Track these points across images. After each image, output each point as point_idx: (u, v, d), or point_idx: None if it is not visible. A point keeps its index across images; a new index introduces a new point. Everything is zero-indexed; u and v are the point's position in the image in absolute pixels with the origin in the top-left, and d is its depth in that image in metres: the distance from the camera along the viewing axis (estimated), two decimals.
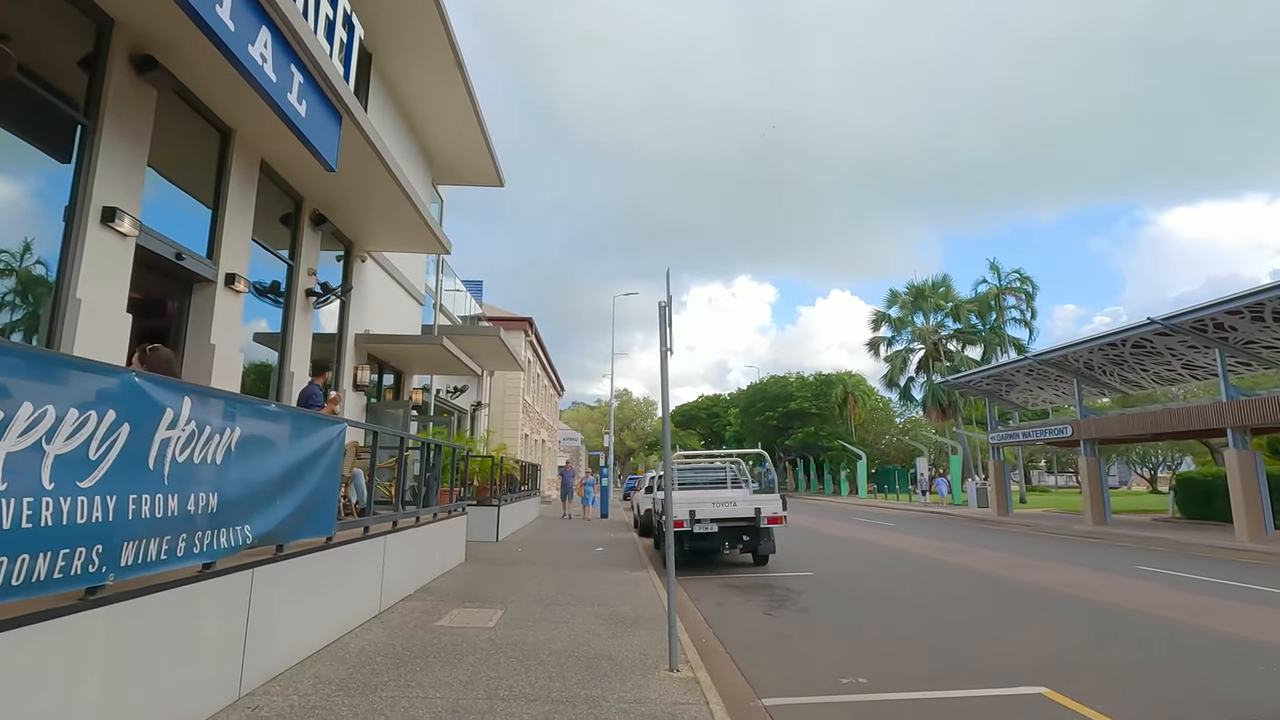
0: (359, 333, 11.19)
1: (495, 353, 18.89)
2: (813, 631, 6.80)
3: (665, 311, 5.39)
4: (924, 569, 11.30)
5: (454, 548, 9.93)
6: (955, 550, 13.90)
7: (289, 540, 4.69)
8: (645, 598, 7.92)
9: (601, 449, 48.85)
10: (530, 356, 28.31)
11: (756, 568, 11.29)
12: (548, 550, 12.75)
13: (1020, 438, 25.48)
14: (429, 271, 17.03)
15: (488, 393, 22.70)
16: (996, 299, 36.27)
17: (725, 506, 10.54)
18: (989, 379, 26.10)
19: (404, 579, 7.37)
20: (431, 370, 14.86)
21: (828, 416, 52.98)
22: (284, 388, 8.84)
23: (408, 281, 13.87)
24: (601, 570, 10.11)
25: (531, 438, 29.66)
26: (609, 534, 16.57)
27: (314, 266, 9.52)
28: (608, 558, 11.77)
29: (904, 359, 38.24)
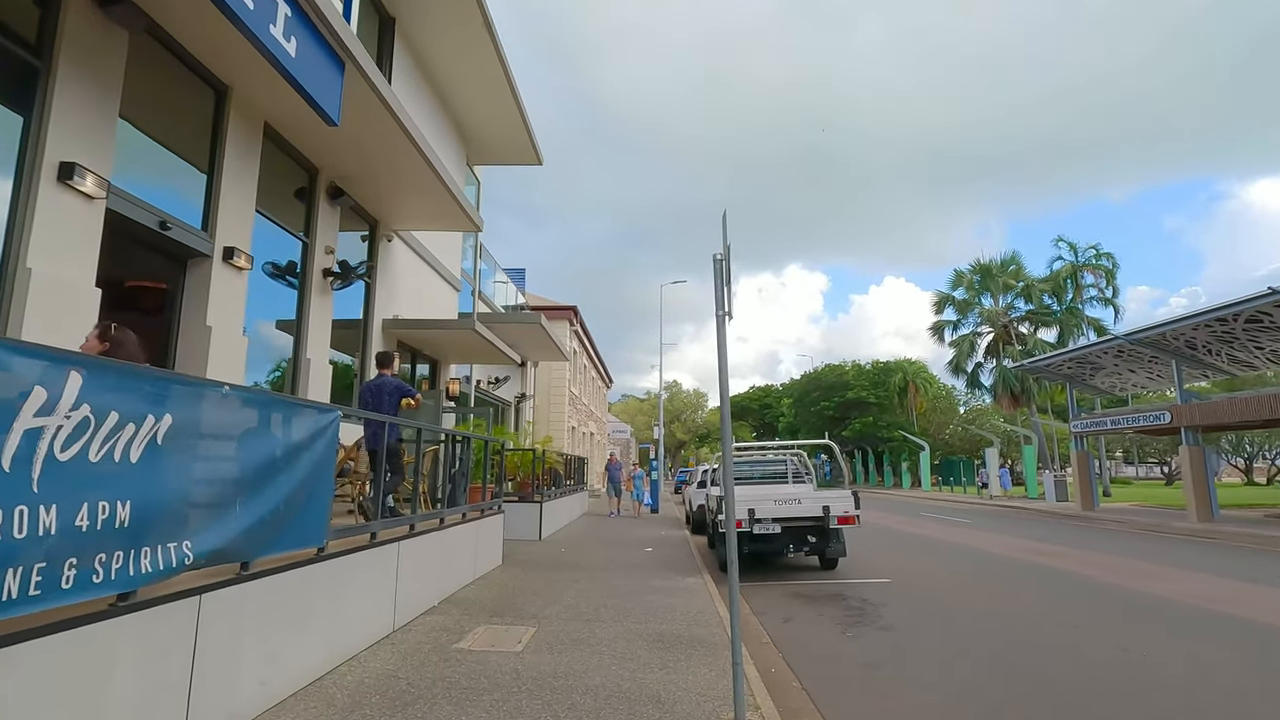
0: (387, 318, 10.42)
1: (538, 342, 18.06)
2: (906, 659, 5.60)
3: (722, 266, 4.28)
4: (1027, 577, 9.87)
5: (489, 550, 9.06)
6: (1055, 553, 12.33)
7: (259, 555, 3.80)
8: (700, 611, 6.85)
9: (651, 441, 47.89)
10: (576, 346, 27.50)
11: (823, 572, 10.08)
12: (592, 550, 11.81)
13: (1108, 425, 23.30)
14: (466, 258, 16.29)
15: (532, 384, 21.95)
16: (1073, 277, 33.58)
17: (788, 504, 9.35)
18: (1071, 362, 23.95)
19: (425, 590, 6.49)
20: (469, 359, 14.08)
21: (887, 406, 50.70)
22: (300, 377, 8.08)
23: (442, 266, 13.09)
24: (650, 575, 9.08)
25: (579, 430, 28.89)
26: (659, 531, 15.55)
27: (332, 245, 8.73)
28: (657, 559, 10.74)
29: (971, 343, 35.86)
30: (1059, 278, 33.99)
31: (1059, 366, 24.88)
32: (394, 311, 10.62)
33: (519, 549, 11.43)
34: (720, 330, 4.32)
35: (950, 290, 36.47)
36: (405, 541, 6.01)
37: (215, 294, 6.40)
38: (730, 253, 4.24)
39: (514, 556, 10.46)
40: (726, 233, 4.32)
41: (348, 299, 9.67)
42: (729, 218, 4.40)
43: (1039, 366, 25.72)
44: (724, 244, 4.31)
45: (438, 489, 8.23)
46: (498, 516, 9.58)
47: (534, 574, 8.96)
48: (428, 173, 8.54)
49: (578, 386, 28.09)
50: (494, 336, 11.56)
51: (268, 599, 3.87)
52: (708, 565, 10.43)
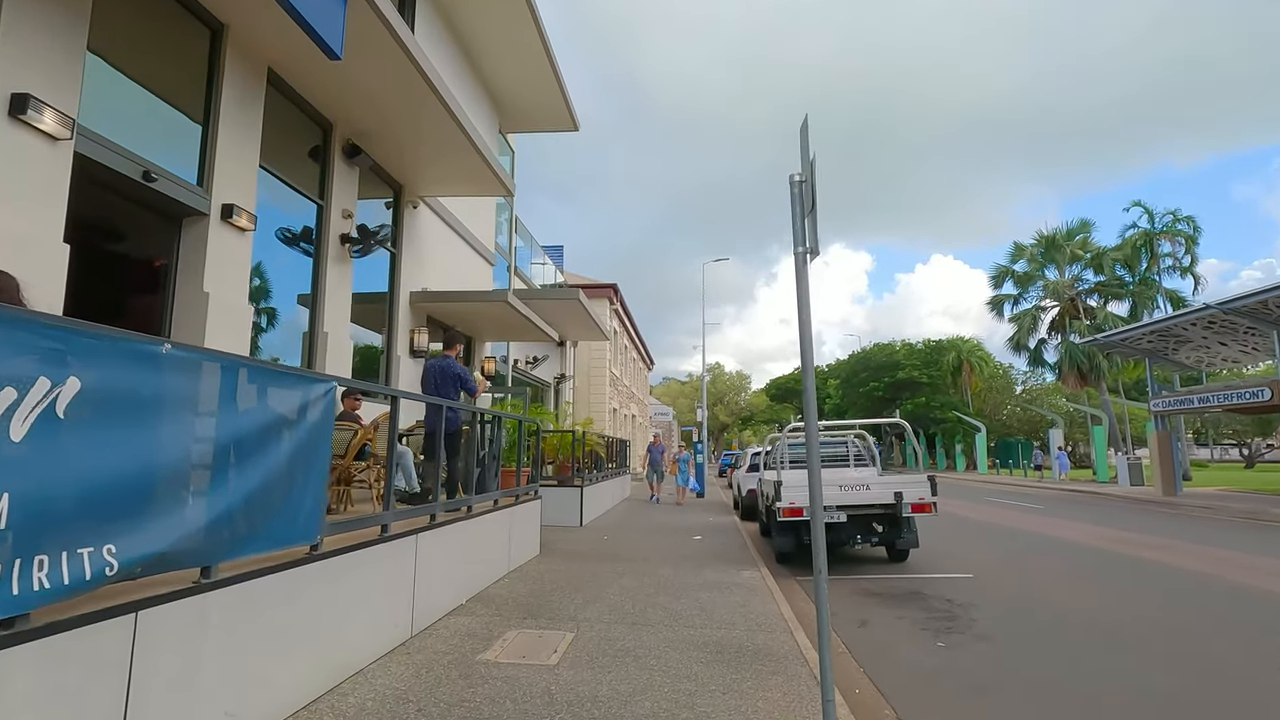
0: (414, 290, 9.73)
1: (577, 319, 17.30)
2: (1022, 683, 4.62)
3: (802, 191, 3.32)
4: (1135, 575, 8.69)
5: (525, 539, 8.33)
6: (1156, 545, 11.03)
7: (225, 558, 3.05)
8: (762, 613, 5.96)
9: (694, 424, 46.97)
10: (616, 326, 26.70)
11: (893, 565, 9.07)
12: (637, 538, 11.01)
13: (1194, 404, 21.39)
14: (501, 233, 15.57)
15: (571, 364, 21.25)
16: (1148, 245, 31.14)
17: (855, 490, 8.36)
18: (1152, 335, 22.04)
19: (450, 587, 5.76)
20: (505, 336, 13.38)
21: (939, 386, 48.62)
22: (317, 352, 7.42)
23: (475, 239, 12.36)
24: (702, 567, 8.23)
25: (620, 412, 28.19)
26: (707, 517, 14.69)
27: (350, 209, 8.02)
28: (708, 549, 9.88)
29: (1034, 318, 33.68)
30: (1132, 245, 31.58)
31: (1137, 340, 22.97)
32: (422, 284, 9.92)
33: (559, 537, 10.71)
34: (800, 272, 3.38)
35: (1010, 263, 34.33)
36: (426, 534, 5.27)
37: (213, 256, 5.72)
38: (815, 172, 3.28)
39: (553, 545, 9.74)
40: (808, 147, 3.35)
41: (372, 271, 9.00)
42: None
43: (1114, 341, 23.83)
44: (804, 162, 3.35)
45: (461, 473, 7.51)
46: (534, 503, 8.84)
47: (574, 566, 8.20)
48: (451, 127, 7.73)
49: (618, 367, 27.33)
50: (529, 311, 10.79)
51: (239, 611, 3.13)
52: (763, 556, 9.52)
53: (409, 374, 9.39)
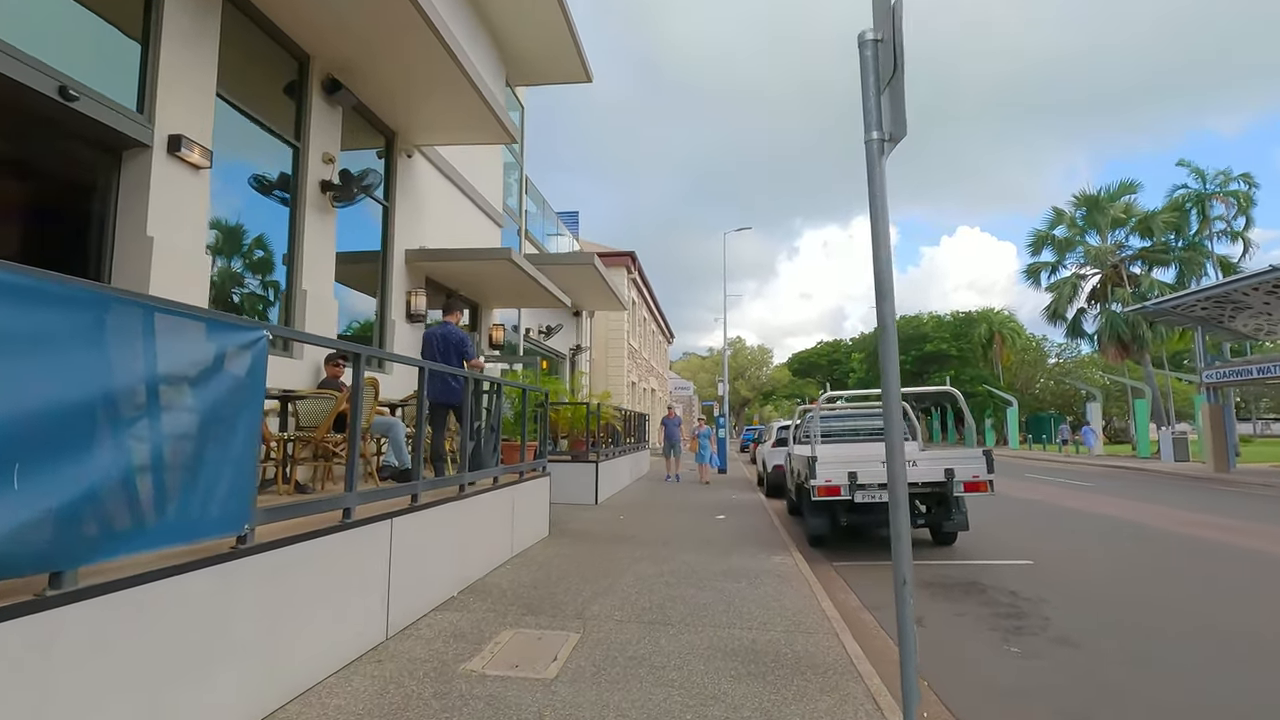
0: (410, 248, 8.90)
1: (593, 287, 16.41)
2: (1133, 700, 3.73)
3: (878, 53, 2.37)
4: (1220, 561, 7.71)
5: (532, 519, 7.57)
6: (1229, 527, 9.99)
7: (89, 559, 2.26)
8: (800, 610, 5.12)
9: (715, 398, 46.10)
10: (635, 297, 25.77)
11: (940, 549, 8.18)
12: (656, 517, 10.23)
13: (1253, 374, 20.00)
14: (511, 195, 14.68)
15: (587, 335, 20.41)
16: (1199, 207, 29.28)
17: None
18: (1208, 301, 20.56)
19: (436, 578, 4.99)
20: (514, 302, 12.54)
21: (969, 359, 47.14)
22: (294, 310, 6.64)
23: (481, 197, 11.47)
24: (727, 551, 7.40)
25: (639, 386, 27.39)
26: (730, 494, 13.87)
27: (333, 153, 7.17)
28: (733, 530, 9.05)
29: (1074, 286, 32.01)
30: (1179, 207, 29.73)
31: (1190, 307, 21.49)
32: (419, 242, 9.09)
33: (571, 516, 9.96)
34: (873, 169, 2.45)
35: (1049, 228, 32.59)
36: (405, 518, 4.48)
37: (159, 195, 4.91)
38: (900, 22, 2.32)
39: (564, 525, 8.98)
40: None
41: (362, 227, 8.18)
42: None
43: (1165, 308, 22.37)
44: (880, 11, 2.40)
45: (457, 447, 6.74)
46: (542, 480, 8.06)
47: (585, 549, 7.42)
48: (444, 59, 6.81)
49: (637, 339, 26.46)
50: (536, 271, 9.90)
51: (116, 628, 2.34)
52: (794, 538, 8.68)
53: (406, 340, 8.60)
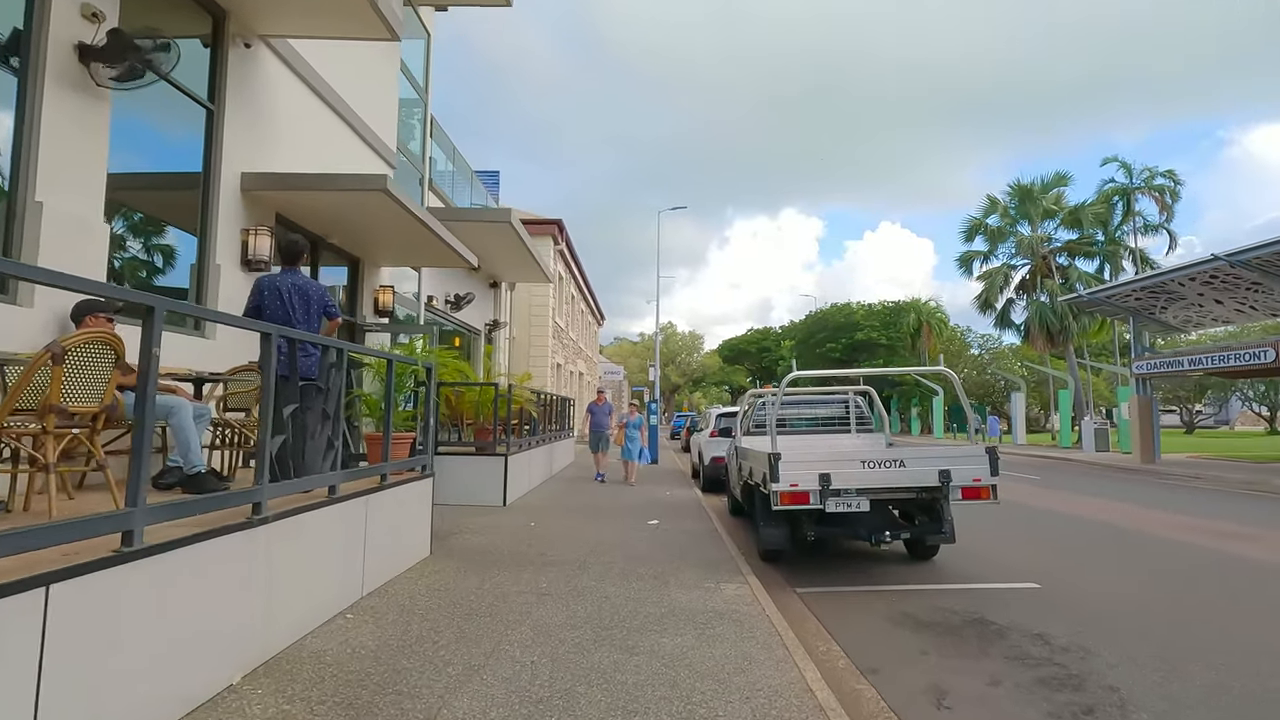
0: (248, 171, 6.63)
1: (510, 253, 14.31)
2: None
3: None
4: (1250, 581, 6.53)
5: (401, 537, 5.58)
6: (1223, 532, 9.02)
7: None
8: (777, 689, 3.39)
9: (646, 384, 44.52)
10: (562, 271, 23.68)
11: (915, 565, 6.72)
12: (575, 524, 8.38)
13: (1183, 366, 19.95)
14: (413, 139, 12.41)
15: (506, 310, 18.25)
16: (1125, 200, 29.69)
17: (884, 468, 5.84)
18: (1141, 292, 20.41)
19: (196, 657, 2.96)
20: (408, 259, 10.33)
21: (898, 348, 47.38)
22: (16, 232, 4.37)
23: (362, 123, 9.19)
24: (664, 579, 5.63)
25: (566, 368, 25.39)
26: (663, 491, 12.17)
27: (98, 7, 4.86)
28: (669, 542, 7.31)
29: (1005, 275, 32.11)
30: (1107, 200, 30.08)
31: (1124, 298, 21.36)
32: (264, 164, 6.82)
33: (469, 523, 7.99)
34: None
35: (983, 216, 32.50)
36: (128, 566, 2.45)
37: None
38: None
39: (456, 539, 7.02)
40: None
41: (177, 139, 5.88)
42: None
43: (1100, 298, 22.22)
44: None
45: None
46: (421, 484, 6.05)
47: (474, 579, 5.49)
48: None
49: (564, 318, 24.41)
50: (426, 214, 7.77)
51: None
52: (744, 550, 7.03)
53: (238, 293, 6.37)
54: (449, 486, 9.42)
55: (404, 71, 11.00)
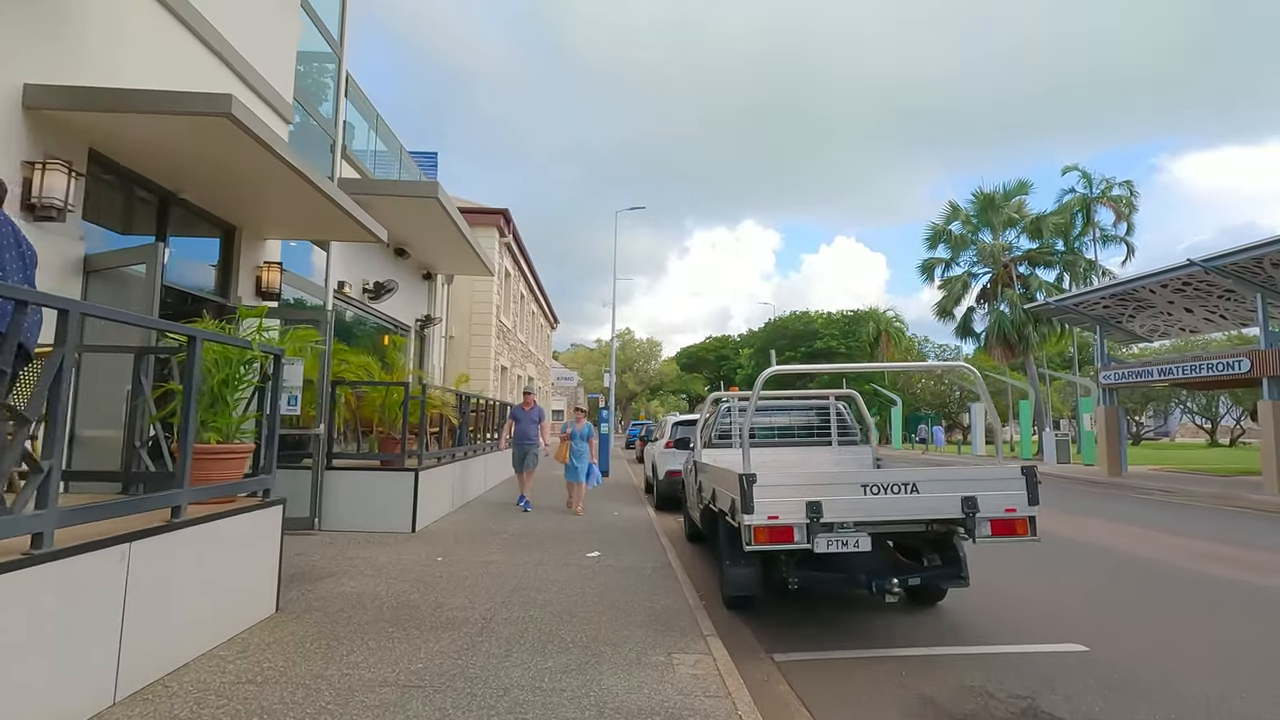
0: (36, 83, 4.84)
1: (442, 238, 12.63)
2: None
3: None
4: None
5: (225, 593, 3.91)
6: (1248, 561, 7.91)
7: None
8: None
9: (601, 390, 42.85)
10: (509, 267, 21.93)
11: (919, 615, 5.31)
12: (495, 557, 6.75)
13: (1153, 375, 19.36)
14: (325, 101, 10.69)
15: (442, 305, 16.44)
16: (1085, 211, 29.50)
17: (894, 496, 4.39)
18: (1110, 299, 19.81)
19: None
20: (302, 230, 8.54)
21: (857, 357, 46.86)
22: None
23: (248, 67, 7.41)
24: (595, 653, 4.05)
25: (513, 372, 23.59)
26: (611, 509, 10.59)
27: None
28: (610, 587, 5.74)
29: (965, 284, 31.65)
30: (1067, 210, 29.86)
31: (1093, 305, 20.77)
32: (69, 75, 5.02)
33: (360, 558, 6.28)
34: None
35: (945, 223, 31.99)
36: None
37: None
38: None
39: (328, 583, 5.32)
40: None
41: None
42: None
43: (1067, 306, 21.60)
44: None
45: None
46: (258, 515, 4.34)
47: (316, 659, 3.81)
48: None
49: (511, 317, 22.64)
50: (297, 160, 6.03)
51: None
52: (705, 595, 5.53)
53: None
54: (346, 509, 7.69)
55: (306, 10, 9.24)
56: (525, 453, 10.08)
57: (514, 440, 10.21)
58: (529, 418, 10.24)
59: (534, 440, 10.12)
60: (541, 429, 10.29)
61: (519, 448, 10.13)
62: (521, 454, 10.09)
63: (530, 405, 10.38)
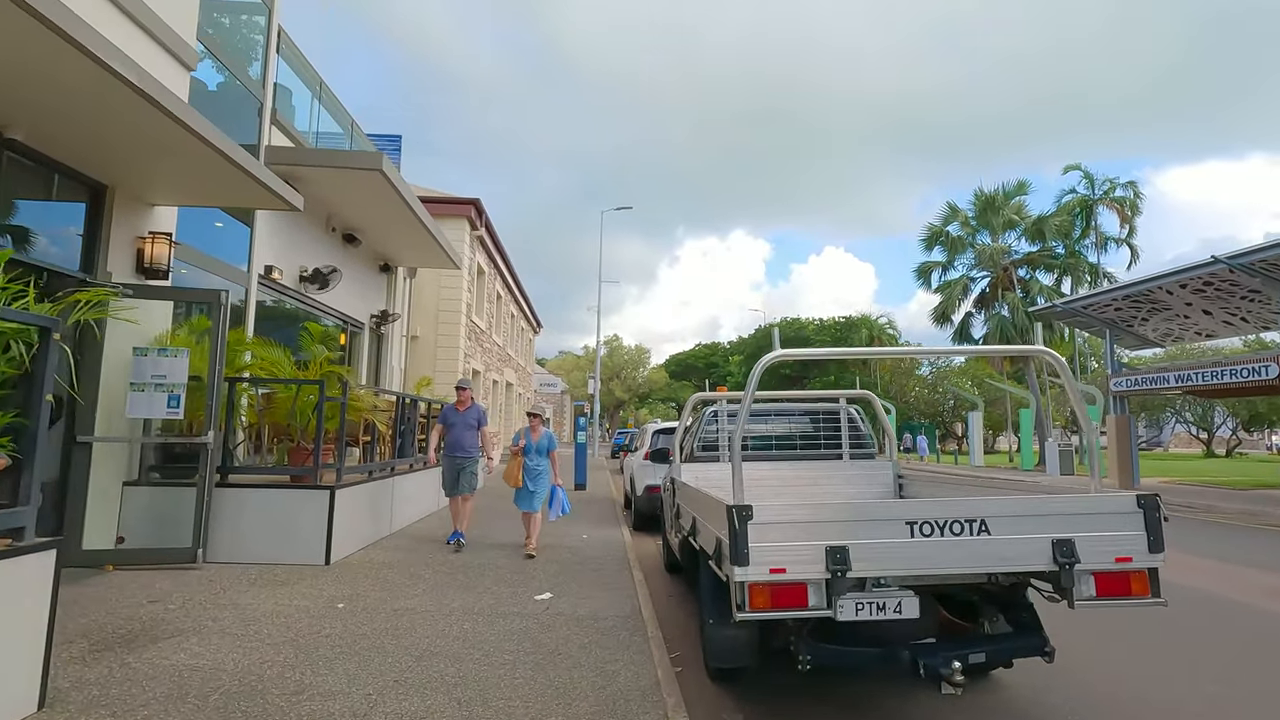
0: None
1: (399, 224, 11.25)
2: None
3: None
4: None
5: None
6: None
7: None
8: None
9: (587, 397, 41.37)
10: (483, 263, 20.48)
11: (970, 689, 3.90)
12: (413, 601, 5.30)
13: (1169, 382, 18.17)
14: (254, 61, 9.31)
15: (403, 301, 14.97)
16: (1086, 213, 28.48)
17: (952, 541, 2.98)
18: (1124, 301, 18.63)
19: None
20: (199, 194, 7.05)
21: (848, 363, 45.74)
22: None
23: None
24: None
25: (488, 376, 22.09)
26: (580, 530, 9.14)
27: None
28: (557, 650, 4.30)
29: (964, 287, 30.50)
30: (1069, 211, 28.82)
31: (1101, 308, 19.59)
32: None
33: (238, 604, 4.80)
34: None
35: (943, 224, 30.87)
36: None
37: None
38: None
39: (164, 650, 3.84)
40: None
41: None
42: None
43: (1076, 308, 20.42)
44: None
45: None
46: (12, 564, 2.87)
47: None
48: None
49: (485, 318, 21.17)
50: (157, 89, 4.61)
51: None
52: (686, 667, 4.11)
53: None
54: (242, 536, 6.23)
55: None
56: (460, 470, 7.53)
57: (444, 452, 7.67)
58: (464, 421, 7.58)
59: (471, 452, 7.56)
60: (483, 437, 7.72)
61: (450, 463, 7.57)
62: (455, 472, 7.55)
63: (466, 404, 7.70)
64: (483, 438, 7.69)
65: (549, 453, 7.49)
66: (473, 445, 7.59)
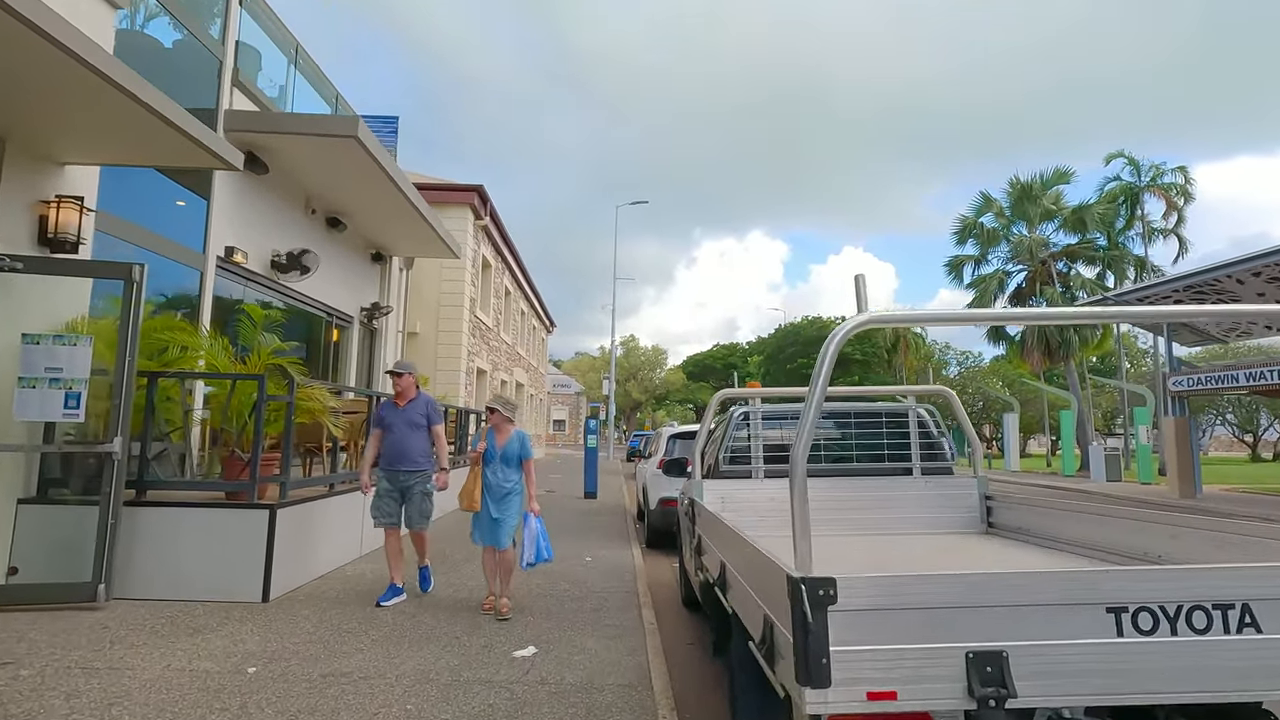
0: None
1: (387, 206, 10.16)
2: None
3: None
4: None
5: None
6: None
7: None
8: None
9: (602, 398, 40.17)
10: (489, 256, 19.35)
11: None
12: (343, 672, 4.09)
13: (1239, 380, 16.52)
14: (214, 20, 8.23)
15: (398, 294, 13.86)
16: (1131, 201, 26.70)
17: (1189, 642, 1.69)
18: (1185, 292, 17.02)
19: None
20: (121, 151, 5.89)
21: (874, 364, 44.13)
22: None
23: None
24: None
25: (495, 376, 20.95)
26: (584, 554, 7.90)
27: None
28: None
29: (1000, 282, 28.82)
30: (1112, 199, 27.06)
31: (1159, 300, 17.96)
32: None
33: (115, 668, 3.59)
34: None
35: (976, 215, 29.20)
36: None
37: None
38: None
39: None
40: None
41: None
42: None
43: (1128, 301, 18.80)
44: None
45: None
46: None
47: None
48: None
49: (491, 314, 20.02)
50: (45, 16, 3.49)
51: None
52: None
53: None
54: (161, 566, 5.08)
55: None
56: (405, 490, 5.27)
57: (380, 467, 5.32)
58: (403, 419, 5.27)
59: (420, 464, 5.30)
60: (435, 437, 5.42)
61: (390, 481, 5.26)
62: (397, 493, 5.26)
63: (408, 395, 5.36)
64: (437, 442, 5.42)
65: (521, 463, 5.05)
66: (422, 454, 5.30)
